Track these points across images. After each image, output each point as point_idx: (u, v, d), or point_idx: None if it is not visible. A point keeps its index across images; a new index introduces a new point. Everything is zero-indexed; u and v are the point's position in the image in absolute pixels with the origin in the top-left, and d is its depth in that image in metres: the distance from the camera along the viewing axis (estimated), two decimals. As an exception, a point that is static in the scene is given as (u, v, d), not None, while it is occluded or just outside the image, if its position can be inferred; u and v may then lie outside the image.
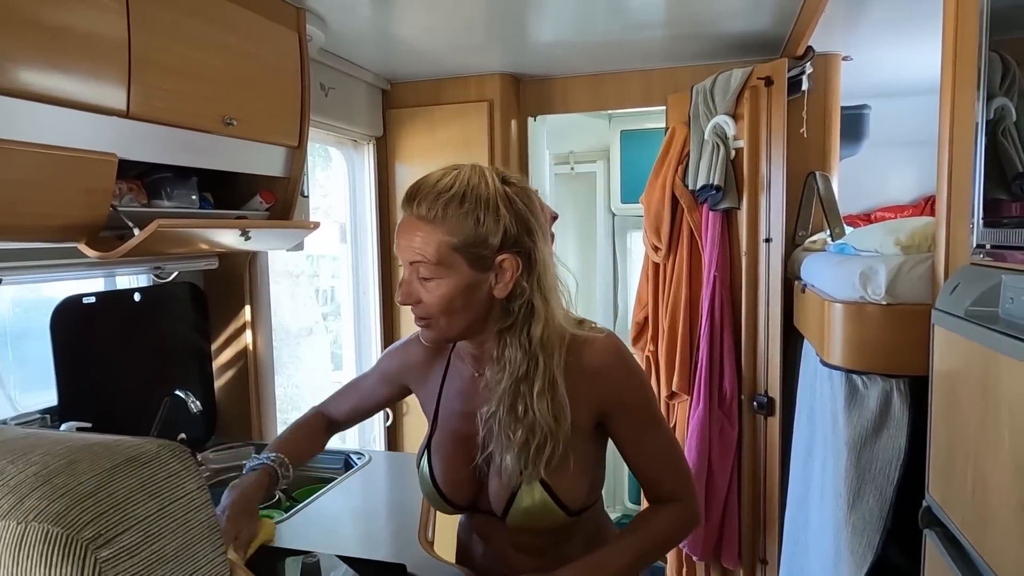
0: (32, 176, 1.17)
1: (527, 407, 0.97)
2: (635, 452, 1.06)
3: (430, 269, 0.94)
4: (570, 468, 0.99)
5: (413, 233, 0.95)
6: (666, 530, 1.08)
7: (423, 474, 1.10)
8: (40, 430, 0.59)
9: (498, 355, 1.00)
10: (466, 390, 1.09)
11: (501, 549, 1.10)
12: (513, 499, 1.00)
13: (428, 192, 0.95)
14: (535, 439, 0.96)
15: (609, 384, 1.01)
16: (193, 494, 0.55)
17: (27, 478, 0.49)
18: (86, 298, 1.56)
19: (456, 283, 0.95)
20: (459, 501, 1.08)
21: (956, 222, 1.21)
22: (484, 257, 0.95)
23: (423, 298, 0.97)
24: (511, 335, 0.99)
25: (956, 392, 1.06)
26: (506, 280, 0.96)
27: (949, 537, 1.08)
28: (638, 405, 1.04)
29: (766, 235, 2.14)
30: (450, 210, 0.93)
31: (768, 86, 2.09)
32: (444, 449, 1.09)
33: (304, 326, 3.48)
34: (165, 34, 1.36)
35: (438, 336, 1.01)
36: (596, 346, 1.01)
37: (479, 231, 0.93)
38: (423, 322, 1.00)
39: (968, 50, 1.14)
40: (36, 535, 0.46)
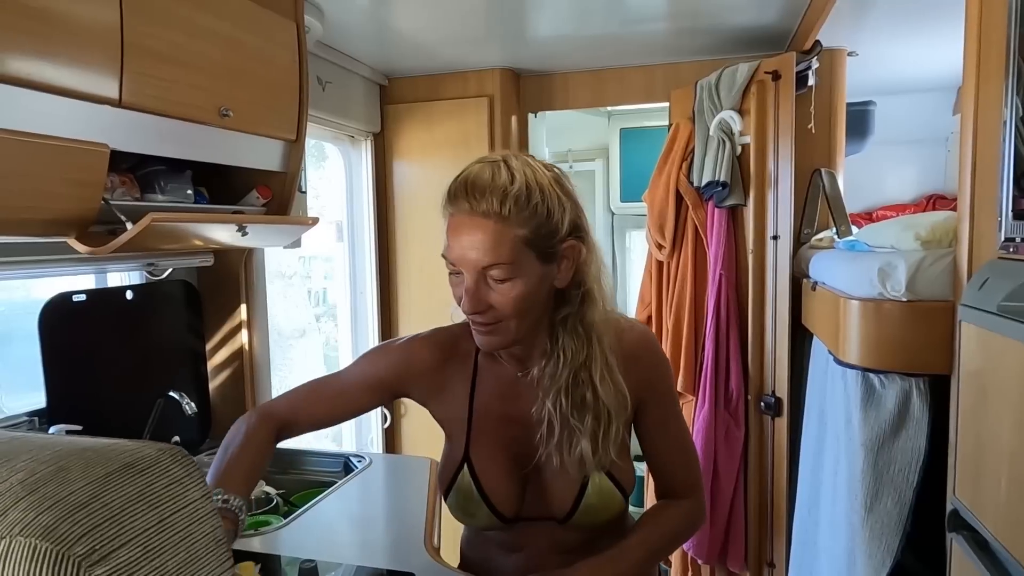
0: (20, 167, 1.11)
1: (594, 392, 0.95)
2: (656, 441, 1.06)
3: (504, 270, 0.87)
4: (623, 451, 1.00)
5: (479, 232, 0.87)
6: (677, 525, 1.08)
7: (462, 488, 1.01)
8: (26, 433, 0.54)
9: (551, 345, 0.96)
10: (505, 392, 1.03)
11: (540, 556, 1.04)
12: (582, 495, 0.98)
13: (488, 187, 0.87)
14: (602, 423, 0.95)
15: (644, 369, 1.02)
16: (197, 503, 0.50)
17: (11, 487, 0.44)
18: (76, 296, 1.51)
19: (530, 280, 0.90)
20: (507, 511, 1.01)
21: (980, 217, 1.17)
22: (552, 248, 0.91)
23: (493, 302, 0.90)
24: (564, 325, 0.96)
25: (987, 390, 1.02)
26: (567, 268, 0.94)
27: (979, 541, 1.04)
28: (666, 394, 1.06)
29: (774, 232, 2.10)
30: (519, 205, 0.87)
31: (775, 80, 2.06)
32: (488, 459, 1.01)
33: (296, 327, 3.43)
34: (159, 20, 1.30)
35: (505, 340, 0.94)
36: (633, 334, 1.03)
37: (551, 222, 0.89)
38: (488, 328, 0.92)
39: (994, 45, 1.11)
40: (22, 551, 0.41)
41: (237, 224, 1.48)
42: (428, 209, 2.64)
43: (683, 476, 1.08)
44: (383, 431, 2.76)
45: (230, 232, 1.49)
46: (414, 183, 2.70)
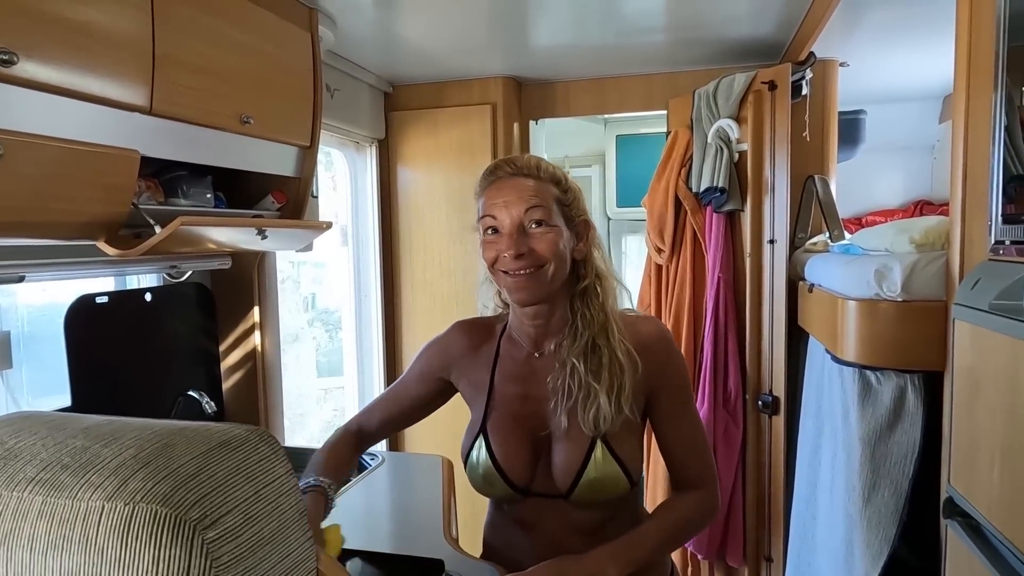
0: (56, 171, 1.15)
1: (611, 353, 1.04)
2: (670, 432, 1.12)
3: (543, 213, 1.02)
4: (629, 435, 1.06)
5: (521, 186, 1.04)
6: (692, 515, 1.13)
7: (479, 459, 1.10)
8: (115, 418, 0.58)
9: (571, 317, 1.08)
10: (521, 372, 1.12)
11: (551, 534, 1.10)
12: (583, 470, 1.04)
13: (524, 160, 1.07)
14: (615, 381, 1.04)
15: (657, 360, 1.09)
16: (283, 478, 0.54)
17: (125, 461, 0.49)
18: (99, 298, 1.54)
19: (559, 231, 1.04)
20: (519, 482, 1.09)
21: (972, 220, 1.24)
22: (571, 217, 1.07)
23: (535, 246, 1.02)
24: (583, 297, 1.08)
25: (979, 383, 1.09)
26: (584, 242, 1.08)
27: (973, 526, 1.10)
28: (679, 385, 1.12)
29: (770, 236, 2.17)
30: (549, 173, 1.06)
31: (772, 90, 2.13)
32: (503, 431, 1.10)
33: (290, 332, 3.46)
34: (187, 31, 1.35)
35: (541, 289, 1.04)
36: (645, 327, 1.11)
37: (568, 193, 1.07)
38: (526, 274, 1.02)
39: (983, 56, 1.18)
40: (145, 516, 0.45)
41: (257, 228, 1.53)
42: (432, 215, 2.73)
43: (696, 468, 1.13)
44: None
45: (250, 236, 1.54)
46: (418, 189, 2.75)
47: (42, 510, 0.47)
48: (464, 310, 2.73)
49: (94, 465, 0.49)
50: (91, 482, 0.47)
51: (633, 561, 1.04)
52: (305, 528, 0.56)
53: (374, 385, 2.81)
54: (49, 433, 0.54)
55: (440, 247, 2.73)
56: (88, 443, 0.51)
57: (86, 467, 0.49)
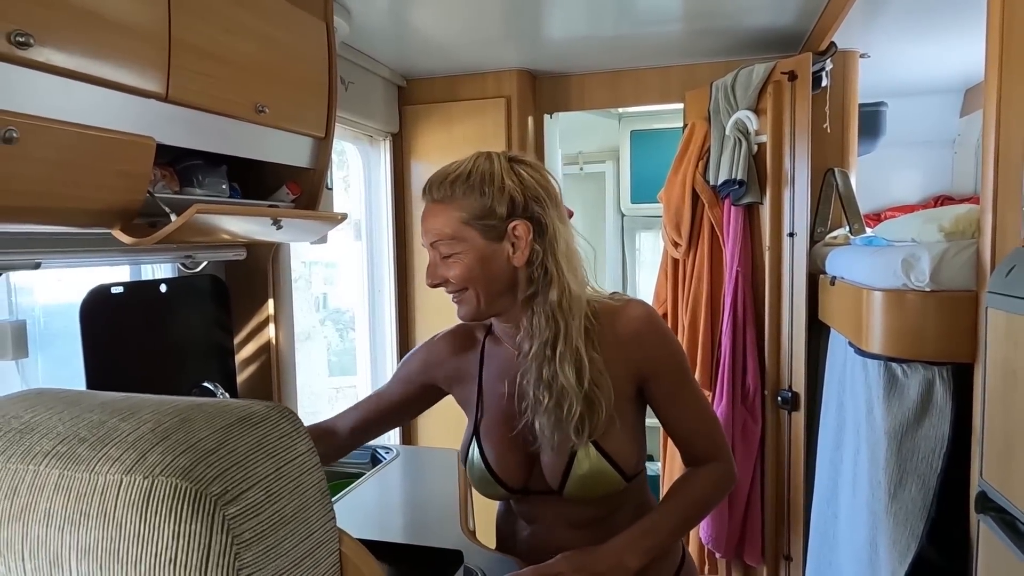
0: (72, 156, 1.14)
1: (553, 373, 1.01)
2: (671, 413, 1.09)
3: (448, 245, 1.02)
4: (619, 431, 1.03)
5: (431, 216, 1.04)
6: (707, 490, 1.11)
7: (474, 462, 1.10)
8: (131, 394, 0.57)
9: (527, 325, 1.05)
10: (506, 372, 1.10)
11: (550, 528, 1.10)
12: (569, 469, 1.02)
13: (438, 178, 1.05)
14: (564, 403, 1.00)
15: (645, 349, 1.05)
16: (304, 456, 0.53)
17: (143, 435, 0.47)
18: (114, 288, 1.54)
19: (473, 255, 1.01)
20: (514, 484, 1.08)
21: (1004, 207, 1.21)
22: (495, 227, 1.01)
23: (447, 275, 1.03)
24: (535, 303, 1.03)
25: (1015, 373, 1.05)
26: (521, 247, 1.02)
27: (1007, 521, 1.07)
28: (673, 367, 1.08)
29: (790, 229, 2.14)
30: (457, 188, 1.02)
31: (792, 81, 2.10)
32: (494, 433, 1.10)
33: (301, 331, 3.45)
34: (203, 17, 1.34)
35: (471, 310, 1.05)
36: (628, 313, 1.06)
37: (484, 202, 1.01)
38: (455, 297, 1.06)
39: (1016, 41, 1.15)
40: (164, 489, 0.44)
41: (272, 218, 1.52)
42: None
43: (704, 443, 1.11)
44: (399, 430, 2.78)
45: (264, 226, 1.53)
46: (431, 183, 2.73)
47: (59, 484, 0.45)
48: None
49: (112, 439, 0.47)
50: (109, 455, 0.46)
51: (652, 548, 1.02)
52: (328, 508, 0.54)
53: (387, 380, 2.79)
54: (65, 408, 0.52)
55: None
56: (105, 417, 0.50)
57: (104, 440, 0.47)
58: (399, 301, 2.80)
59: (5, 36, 0.98)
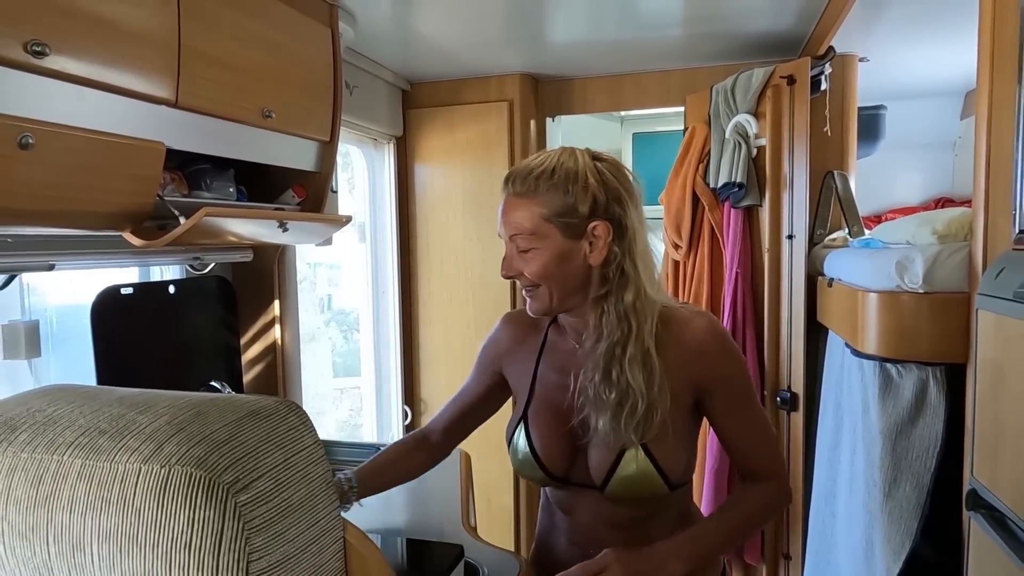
0: (85, 161, 1.18)
1: (621, 371, 1.01)
2: (730, 428, 1.09)
3: (527, 240, 1.03)
4: (670, 438, 1.03)
5: (512, 210, 1.05)
6: (759, 507, 1.11)
7: (519, 444, 1.12)
8: (146, 390, 0.60)
9: (596, 323, 1.06)
10: (565, 363, 1.12)
11: (588, 523, 1.11)
12: (615, 467, 1.03)
13: (521, 172, 1.05)
14: (627, 403, 1.01)
15: (709, 362, 1.06)
16: (311, 448, 0.56)
17: (160, 427, 0.50)
18: (124, 289, 1.57)
19: (551, 252, 1.02)
20: (555, 471, 1.09)
21: (995, 210, 1.23)
22: (575, 225, 1.02)
23: (523, 269, 1.04)
24: (607, 302, 1.04)
25: (1004, 373, 1.08)
26: (599, 247, 1.03)
27: (997, 518, 1.09)
28: (736, 382, 1.09)
29: (789, 232, 2.16)
30: (541, 183, 1.02)
31: (791, 85, 2.12)
32: (542, 419, 1.12)
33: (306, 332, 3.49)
34: (211, 25, 1.38)
35: (542, 306, 1.06)
36: (696, 324, 1.07)
37: (567, 200, 1.01)
38: (528, 292, 1.07)
39: (1007, 46, 1.17)
40: (180, 478, 0.47)
41: (278, 221, 1.55)
42: (449, 212, 2.74)
43: (760, 461, 1.11)
44: (404, 428, 2.82)
45: (271, 229, 1.56)
46: (435, 186, 2.76)
47: (81, 472, 0.48)
48: (480, 307, 2.77)
49: (130, 430, 0.50)
50: (128, 446, 0.49)
51: (698, 556, 1.02)
52: (333, 498, 0.57)
53: (391, 382, 2.83)
54: (85, 402, 0.55)
55: (457, 244, 2.74)
56: (124, 410, 0.53)
57: (123, 432, 0.50)
58: (403, 303, 2.83)
59: (22, 46, 1.01)
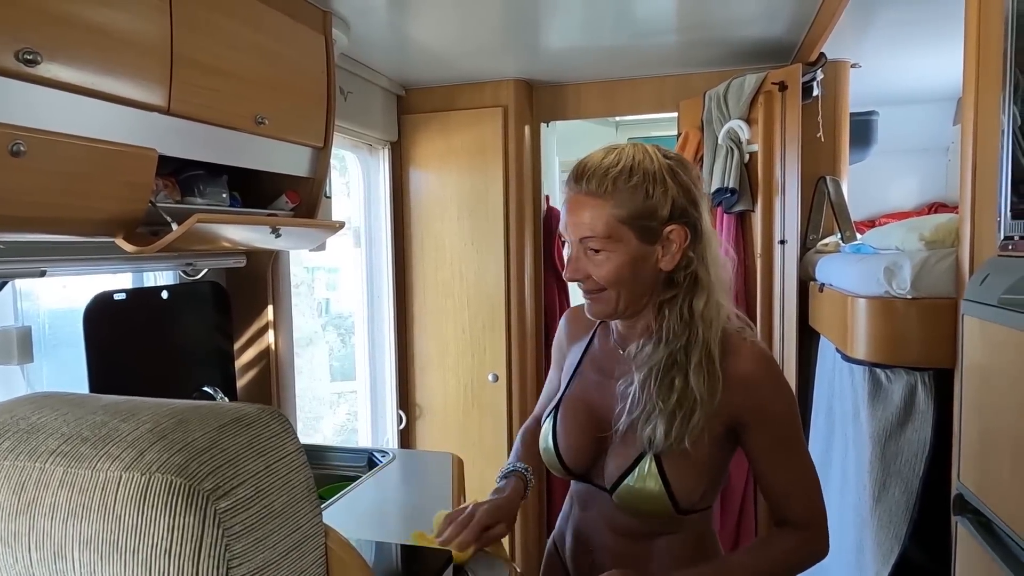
0: (77, 168, 1.18)
1: (685, 377, 0.97)
2: (768, 469, 1.03)
3: (599, 243, 0.97)
4: (688, 462, 0.98)
5: (582, 209, 0.98)
6: (788, 556, 1.02)
7: (546, 434, 1.11)
8: (131, 397, 0.60)
9: (656, 327, 1.02)
10: (605, 363, 1.11)
11: (597, 523, 1.10)
12: (628, 474, 1.00)
13: (595, 169, 0.98)
14: (684, 408, 0.97)
15: (753, 393, 0.99)
16: (293, 455, 0.56)
17: (142, 434, 0.51)
18: (117, 295, 1.57)
19: (624, 256, 0.97)
20: (575, 467, 1.08)
21: (981, 217, 1.24)
22: (652, 229, 0.98)
23: (592, 272, 0.99)
24: (671, 306, 1.00)
25: (989, 378, 1.09)
26: (673, 252, 0.99)
27: (983, 523, 1.10)
28: (779, 421, 1.01)
29: (781, 237, 2.17)
30: (619, 184, 0.96)
31: (782, 91, 2.13)
32: (571, 415, 1.10)
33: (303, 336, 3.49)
34: (203, 33, 1.38)
35: (607, 309, 1.02)
36: (745, 352, 1.00)
37: (648, 203, 0.96)
38: (592, 296, 1.02)
39: (992, 53, 1.18)
40: (160, 485, 0.47)
41: (271, 226, 1.55)
42: (444, 217, 2.75)
43: (798, 508, 1.03)
44: (398, 432, 2.82)
45: (264, 234, 1.57)
46: (430, 191, 2.77)
47: (63, 480, 0.49)
48: (475, 312, 2.78)
49: (112, 438, 0.51)
50: (110, 454, 0.49)
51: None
52: (315, 503, 0.57)
53: (386, 387, 2.83)
54: (69, 409, 0.56)
55: (452, 249, 2.75)
56: (107, 418, 0.53)
57: (105, 440, 0.51)
58: (397, 307, 2.83)
59: (13, 54, 1.02)
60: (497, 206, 2.67)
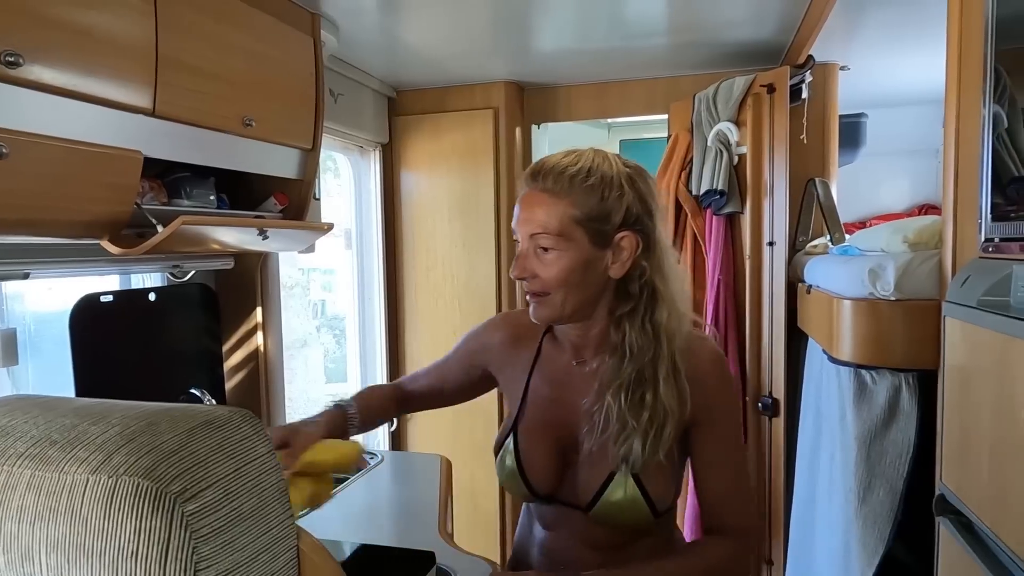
0: (61, 171, 1.18)
1: (655, 393, 0.96)
2: (708, 471, 1.03)
3: (551, 240, 0.96)
4: (661, 468, 0.99)
5: (536, 205, 0.97)
6: (712, 564, 1.03)
7: (506, 460, 1.07)
8: (105, 400, 0.60)
9: (617, 342, 1.00)
10: (559, 378, 1.07)
11: (568, 541, 1.07)
12: (603, 491, 0.99)
13: (553, 167, 0.97)
14: (656, 423, 0.96)
15: (704, 393, 1.00)
16: (264, 457, 0.56)
17: (111, 437, 0.51)
18: (104, 296, 1.57)
19: (575, 257, 0.96)
20: (542, 489, 1.05)
21: (963, 219, 1.25)
22: (605, 233, 0.96)
23: (539, 272, 0.97)
24: (631, 320, 0.99)
25: (969, 380, 1.09)
26: (623, 259, 0.98)
27: (964, 523, 1.11)
28: (725, 421, 1.03)
29: (769, 239, 2.18)
30: (576, 184, 0.95)
31: (770, 93, 2.14)
32: (532, 435, 1.07)
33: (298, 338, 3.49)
34: (189, 34, 1.39)
35: (550, 313, 1.00)
36: (700, 352, 1.02)
37: (602, 206, 0.96)
38: (537, 298, 1.00)
39: (973, 56, 1.19)
40: (127, 488, 0.47)
41: (258, 228, 1.56)
42: (435, 218, 2.75)
43: (729, 515, 1.04)
44: (390, 434, 2.82)
45: (251, 236, 1.57)
46: (421, 193, 2.78)
47: (30, 483, 0.49)
48: (466, 313, 2.78)
49: (81, 441, 0.51)
50: (77, 457, 0.49)
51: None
52: (286, 507, 0.57)
53: (377, 387, 2.83)
54: (41, 412, 0.56)
55: (443, 251, 2.76)
56: (77, 421, 0.53)
57: (73, 443, 0.51)
58: (388, 309, 2.83)
59: (-5, 56, 1.02)
60: (488, 208, 2.68)
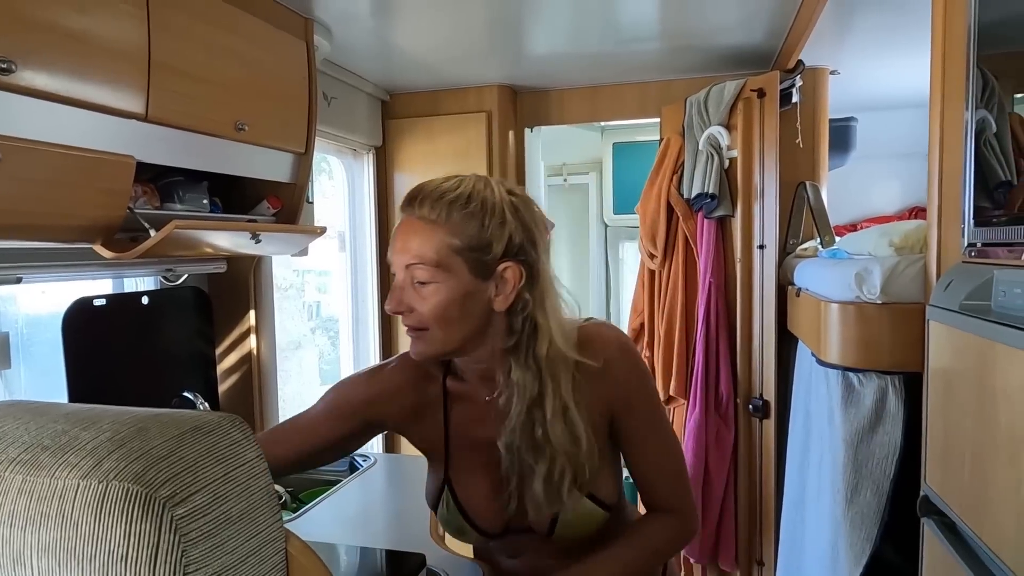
0: (54, 176, 1.19)
1: (544, 432, 0.93)
2: (635, 454, 1.03)
3: (428, 272, 0.89)
4: (601, 471, 0.98)
5: (412, 234, 0.91)
6: (658, 542, 1.04)
7: (448, 511, 1.03)
8: (96, 405, 0.61)
9: (505, 379, 0.96)
10: (478, 415, 1.02)
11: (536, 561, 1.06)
12: (556, 518, 0.98)
13: (431, 193, 0.92)
14: (556, 466, 0.94)
15: (616, 382, 0.98)
16: (253, 462, 0.57)
17: (102, 442, 0.52)
18: (96, 300, 1.58)
19: (454, 289, 0.90)
20: (493, 529, 1.03)
21: (947, 224, 1.27)
22: (486, 264, 0.91)
23: (416, 306, 0.91)
24: (516, 356, 0.95)
25: (952, 383, 1.11)
26: (507, 292, 0.93)
27: (947, 524, 1.12)
28: (643, 405, 1.02)
29: (760, 242, 2.20)
30: (454, 211, 0.89)
31: (761, 97, 2.16)
32: (469, 481, 1.03)
33: (292, 339, 3.49)
34: (182, 40, 1.39)
35: (431, 349, 0.94)
36: (603, 341, 0.99)
37: (483, 235, 0.90)
38: (415, 333, 0.94)
39: (956, 63, 1.21)
40: (117, 493, 0.48)
41: (251, 232, 1.56)
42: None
43: (666, 490, 1.04)
44: (383, 438, 2.82)
45: (244, 240, 1.57)
46: (414, 195, 2.78)
47: (22, 488, 0.50)
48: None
49: (72, 447, 0.52)
50: (68, 462, 0.50)
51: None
52: (275, 511, 0.59)
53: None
54: (32, 418, 0.57)
55: (436, 253, 2.76)
56: (68, 427, 0.54)
57: (64, 448, 0.52)
58: (382, 312, 2.84)
59: (-13, 63, 1.03)
60: (481, 211, 2.68)
